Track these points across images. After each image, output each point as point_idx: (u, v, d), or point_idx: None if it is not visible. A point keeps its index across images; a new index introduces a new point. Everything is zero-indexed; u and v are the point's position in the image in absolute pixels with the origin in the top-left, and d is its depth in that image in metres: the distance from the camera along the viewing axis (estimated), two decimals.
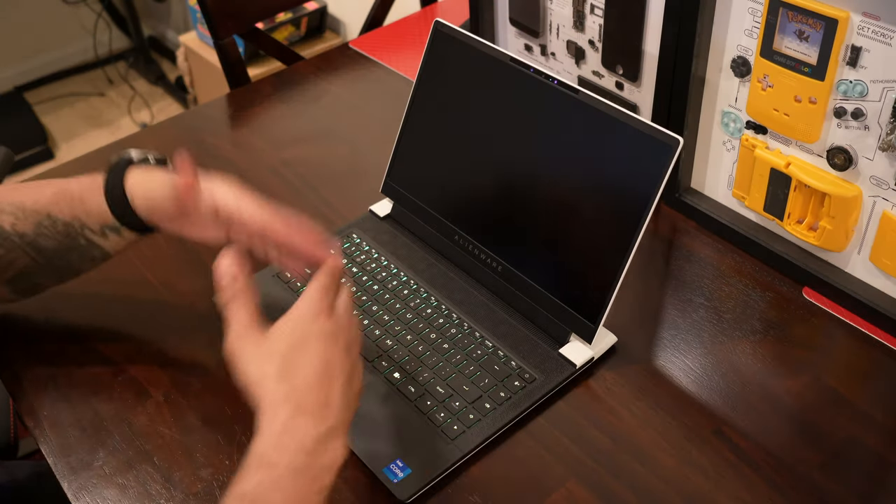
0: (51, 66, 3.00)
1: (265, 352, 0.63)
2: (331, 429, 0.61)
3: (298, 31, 2.27)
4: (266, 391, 0.62)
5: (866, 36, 0.75)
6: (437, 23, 0.92)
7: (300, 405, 0.61)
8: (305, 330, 0.65)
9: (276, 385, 0.62)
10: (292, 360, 0.63)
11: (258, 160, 1.11)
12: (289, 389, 0.61)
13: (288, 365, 0.63)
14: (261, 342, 0.64)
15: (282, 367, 0.62)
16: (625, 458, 0.75)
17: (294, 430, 0.60)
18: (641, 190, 0.76)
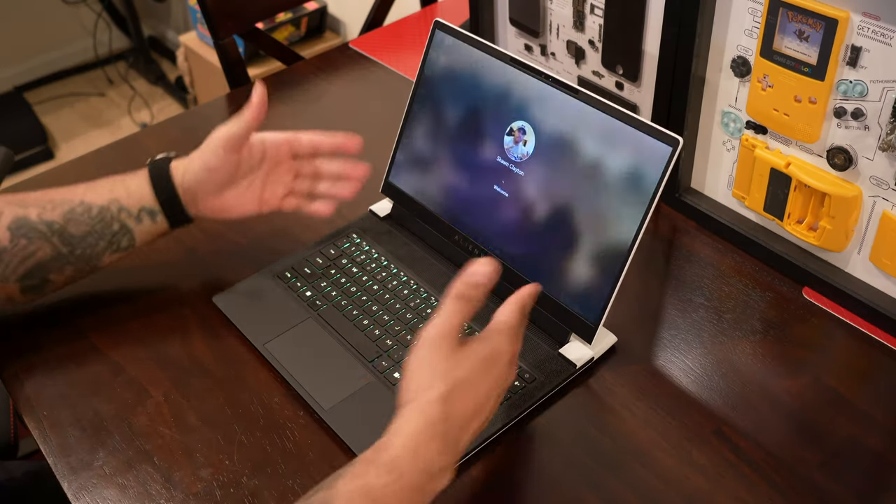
0: (51, 66, 3.00)
1: (445, 369, 0.64)
2: (452, 462, 0.63)
3: (298, 31, 2.27)
4: (424, 404, 0.62)
5: (866, 36, 0.75)
6: (437, 23, 0.92)
7: (445, 434, 0.62)
8: (487, 369, 0.65)
9: (436, 405, 0.62)
10: (462, 390, 0.64)
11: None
12: (443, 415, 0.62)
13: (456, 392, 0.63)
14: (448, 357, 0.64)
15: (449, 392, 0.63)
16: (625, 458, 0.75)
17: (430, 453, 0.61)
18: (641, 190, 0.76)
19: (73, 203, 0.81)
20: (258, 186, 0.87)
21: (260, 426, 0.78)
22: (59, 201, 0.81)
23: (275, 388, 0.81)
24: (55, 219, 0.80)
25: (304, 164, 0.89)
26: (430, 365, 0.64)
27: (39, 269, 0.81)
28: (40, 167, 2.62)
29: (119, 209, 0.82)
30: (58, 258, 0.81)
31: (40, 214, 0.80)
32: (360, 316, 0.87)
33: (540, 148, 0.84)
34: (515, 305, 0.69)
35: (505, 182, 0.87)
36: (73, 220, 0.81)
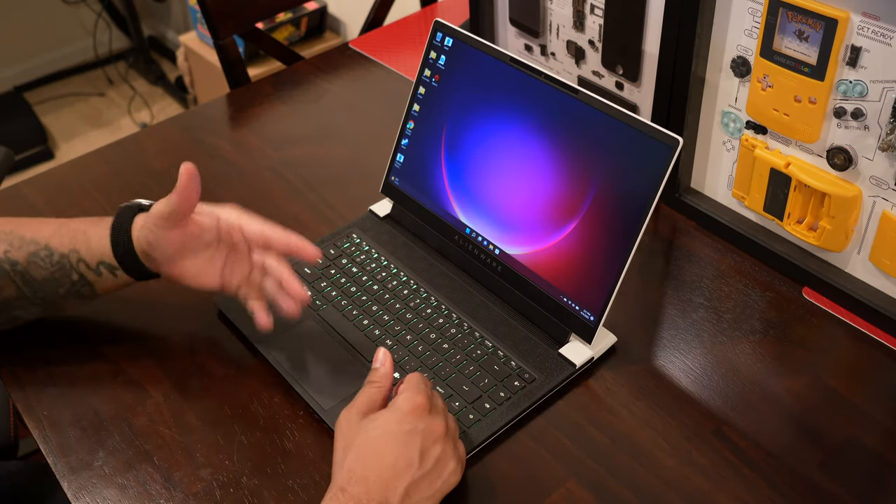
0: (51, 66, 3.00)
1: (350, 438, 0.67)
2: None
3: (298, 31, 2.27)
4: (337, 473, 0.66)
5: (866, 36, 0.75)
6: (437, 23, 0.92)
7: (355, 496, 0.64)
8: (392, 428, 0.67)
9: (343, 472, 0.65)
10: (369, 449, 0.66)
11: (258, 160, 1.11)
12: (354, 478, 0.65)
13: (364, 453, 0.66)
14: (350, 428, 0.68)
15: (359, 452, 0.66)
16: (625, 458, 0.75)
17: None
18: (641, 190, 0.76)
19: (38, 245, 0.79)
20: (219, 263, 0.81)
21: (260, 426, 0.78)
22: (28, 240, 0.80)
23: (275, 388, 0.81)
24: (19, 259, 0.79)
25: (254, 257, 0.83)
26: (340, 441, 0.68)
27: (6, 307, 0.81)
28: (40, 167, 2.62)
29: (78, 260, 0.79)
30: (21, 298, 0.80)
31: (7, 252, 0.79)
32: (360, 316, 0.87)
33: (540, 148, 0.84)
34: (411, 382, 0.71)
35: (505, 182, 0.87)
36: (35, 263, 0.79)
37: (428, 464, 0.66)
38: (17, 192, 1.08)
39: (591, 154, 0.80)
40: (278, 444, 0.77)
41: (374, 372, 0.72)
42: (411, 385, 0.70)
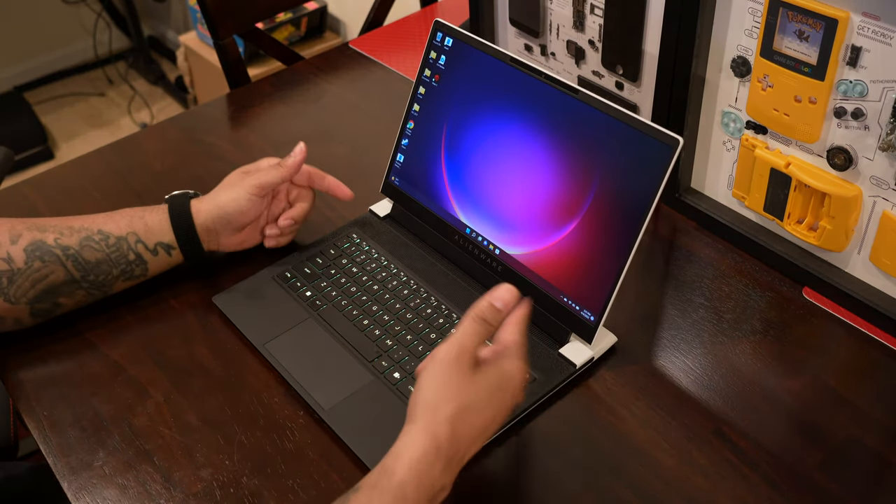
0: (51, 66, 3.00)
1: (457, 390, 0.64)
2: (452, 481, 0.64)
3: (298, 31, 2.27)
4: (432, 424, 0.63)
5: (866, 36, 0.75)
6: (437, 23, 0.92)
7: (450, 456, 0.63)
8: (496, 392, 0.65)
9: (443, 426, 0.63)
10: (471, 412, 0.64)
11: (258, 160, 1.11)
12: (450, 437, 0.63)
13: (465, 415, 0.64)
14: (461, 378, 0.64)
15: (458, 415, 0.63)
16: (625, 458, 0.75)
17: (434, 475, 0.62)
18: (641, 190, 0.76)
19: (90, 231, 0.84)
20: (263, 222, 0.92)
21: (260, 426, 0.78)
22: (77, 228, 0.84)
23: (275, 388, 0.81)
24: (71, 244, 0.82)
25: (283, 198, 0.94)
26: (442, 384, 0.64)
27: (51, 293, 0.82)
28: (40, 167, 2.62)
29: (136, 241, 0.85)
30: (70, 283, 0.83)
31: (57, 239, 0.82)
32: (360, 316, 0.87)
33: (540, 148, 0.84)
34: (519, 325, 0.69)
35: (505, 182, 0.87)
36: (88, 246, 0.83)
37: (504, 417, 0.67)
38: (17, 192, 1.08)
39: (591, 154, 0.80)
40: (278, 444, 0.77)
41: (493, 311, 0.67)
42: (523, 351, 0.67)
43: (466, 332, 0.65)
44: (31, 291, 0.81)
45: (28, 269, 0.80)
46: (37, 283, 0.81)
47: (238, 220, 0.88)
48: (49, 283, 0.82)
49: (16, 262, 0.80)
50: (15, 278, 0.80)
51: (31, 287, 0.81)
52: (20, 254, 0.81)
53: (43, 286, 0.81)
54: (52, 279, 0.81)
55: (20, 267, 0.80)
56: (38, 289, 0.81)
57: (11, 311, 0.82)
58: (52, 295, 0.82)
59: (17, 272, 0.80)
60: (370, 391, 0.80)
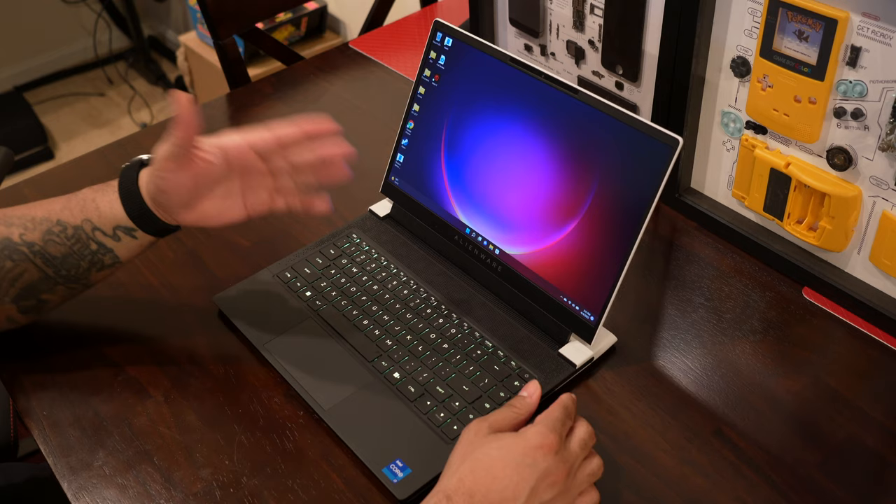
0: (51, 66, 3.00)
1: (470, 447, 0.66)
2: None
3: (298, 31, 2.27)
4: (444, 478, 0.65)
5: (866, 36, 0.75)
6: (437, 23, 0.92)
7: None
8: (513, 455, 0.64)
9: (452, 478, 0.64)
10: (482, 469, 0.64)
11: None
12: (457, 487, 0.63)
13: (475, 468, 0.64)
14: (475, 438, 0.66)
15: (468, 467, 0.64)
16: (625, 458, 0.75)
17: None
18: (641, 190, 0.76)
19: (50, 222, 0.78)
20: (237, 194, 0.79)
21: (260, 426, 0.78)
22: (39, 219, 0.78)
23: (275, 388, 0.81)
24: (35, 240, 0.77)
25: (277, 160, 0.79)
26: (459, 449, 0.66)
27: (31, 291, 0.79)
28: (40, 167, 2.62)
29: (93, 229, 0.77)
30: (45, 279, 0.79)
31: (22, 235, 0.78)
32: (360, 316, 0.87)
33: (540, 148, 0.84)
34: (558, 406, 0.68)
35: (505, 182, 0.87)
36: (51, 241, 0.77)
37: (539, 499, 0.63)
38: (17, 192, 1.08)
39: (591, 154, 0.80)
40: (278, 444, 0.77)
41: (520, 399, 0.71)
42: (549, 419, 0.66)
43: (496, 413, 0.69)
44: (11, 290, 0.78)
45: (1, 269, 0.77)
46: (14, 282, 0.78)
47: (168, 197, 0.76)
48: (26, 282, 0.78)
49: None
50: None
51: (11, 286, 0.78)
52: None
53: (21, 284, 0.78)
54: (27, 278, 0.78)
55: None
56: (17, 287, 0.78)
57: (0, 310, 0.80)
58: (34, 291, 0.79)
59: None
60: (370, 391, 0.80)
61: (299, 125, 0.78)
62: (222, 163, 0.77)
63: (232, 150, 0.77)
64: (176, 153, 0.74)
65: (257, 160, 0.78)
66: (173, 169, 0.75)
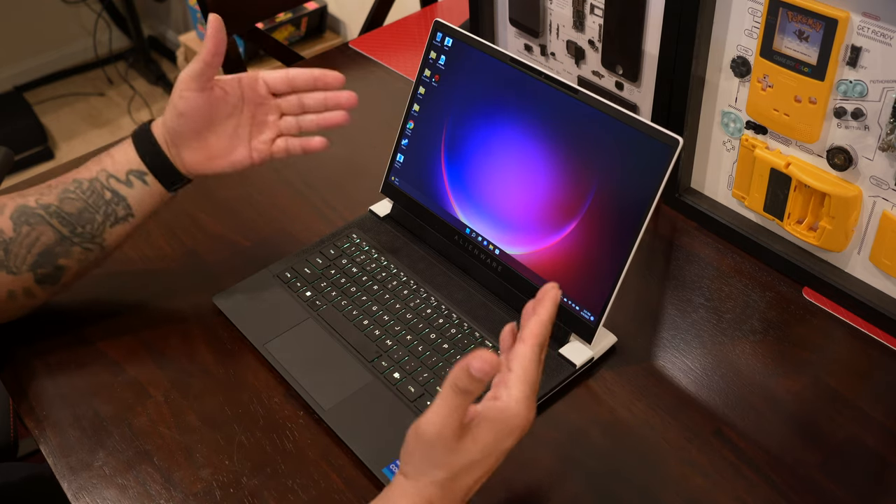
0: (51, 66, 3.00)
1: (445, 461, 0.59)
2: None
3: (298, 31, 2.27)
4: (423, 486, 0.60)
5: (866, 36, 0.75)
6: (437, 23, 0.92)
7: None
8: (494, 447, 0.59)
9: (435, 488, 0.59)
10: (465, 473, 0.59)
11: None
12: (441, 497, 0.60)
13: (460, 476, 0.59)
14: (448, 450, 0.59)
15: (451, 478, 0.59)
16: (625, 458, 0.75)
17: None
18: (641, 190, 0.76)
19: (66, 183, 0.81)
20: (244, 132, 0.83)
21: (260, 426, 0.78)
22: (54, 185, 0.82)
23: (275, 388, 0.81)
24: (51, 201, 0.81)
25: (285, 101, 0.85)
26: (428, 458, 0.59)
27: (48, 255, 0.81)
28: (40, 167, 2.62)
29: (107, 177, 0.81)
30: (62, 240, 0.81)
31: (37, 199, 0.81)
32: (359, 316, 0.87)
33: (540, 148, 0.84)
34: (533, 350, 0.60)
35: (505, 182, 0.87)
36: (66, 199, 0.81)
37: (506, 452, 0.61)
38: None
39: (591, 154, 0.80)
40: (278, 444, 0.77)
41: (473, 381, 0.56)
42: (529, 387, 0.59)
43: (445, 409, 0.58)
44: (28, 257, 0.80)
45: (18, 235, 0.80)
46: (31, 248, 0.80)
47: (183, 123, 0.80)
48: (43, 246, 0.80)
49: (6, 232, 0.80)
50: (10, 247, 0.79)
51: (28, 252, 0.80)
52: (7, 223, 0.80)
53: (38, 249, 0.80)
54: (44, 240, 0.80)
55: (11, 236, 0.80)
56: (34, 253, 0.80)
57: (17, 281, 0.81)
58: (50, 257, 0.81)
59: (10, 241, 0.79)
60: (370, 391, 0.80)
61: (311, 71, 0.84)
62: (237, 91, 0.82)
63: (245, 81, 0.83)
64: (201, 71, 0.79)
65: (268, 95, 0.84)
66: (195, 88, 0.80)
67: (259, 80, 0.83)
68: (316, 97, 0.85)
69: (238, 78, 0.83)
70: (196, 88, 0.79)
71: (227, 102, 0.82)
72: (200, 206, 1.03)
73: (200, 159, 0.82)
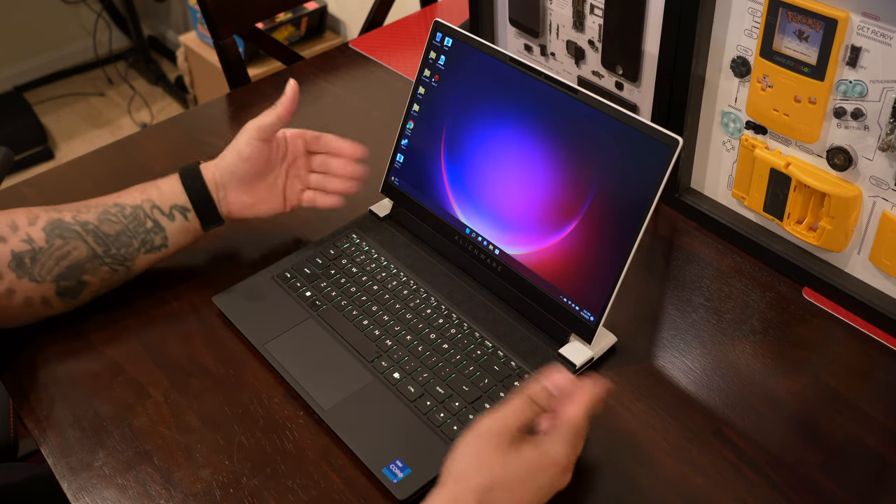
0: (51, 66, 3.00)
1: (490, 463, 0.62)
2: None
3: (298, 31, 2.27)
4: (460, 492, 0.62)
5: (866, 36, 0.75)
6: (437, 23, 0.92)
7: None
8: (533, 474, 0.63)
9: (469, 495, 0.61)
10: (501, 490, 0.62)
11: None
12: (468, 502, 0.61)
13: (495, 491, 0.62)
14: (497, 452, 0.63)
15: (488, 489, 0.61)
16: (625, 458, 0.75)
17: None
18: (641, 190, 0.76)
19: (107, 205, 0.85)
20: (282, 181, 0.91)
21: (260, 426, 0.78)
22: (93, 205, 0.85)
23: (275, 388, 0.81)
24: (90, 219, 0.83)
25: (315, 159, 0.93)
26: (475, 456, 0.63)
27: (75, 270, 0.82)
28: (40, 167, 2.62)
29: (152, 207, 0.85)
30: (93, 258, 0.83)
31: (75, 216, 0.83)
32: (359, 316, 0.87)
33: (540, 148, 0.84)
34: (583, 407, 0.66)
35: (505, 182, 0.87)
36: (106, 220, 0.84)
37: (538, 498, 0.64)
38: (17, 192, 1.08)
39: (591, 154, 0.80)
40: (278, 444, 0.77)
41: (548, 396, 0.66)
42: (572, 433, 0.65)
43: (512, 410, 0.65)
44: (55, 269, 0.81)
45: (50, 247, 0.81)
46: (60, 261, 0.82)
47: (243, 168, 0.88)
48: (73, 260, 0.82)
49: (37, 242, 0.81)
50: (38, 257, 0.81)
51: (56, 264, 0.81)
52: (40, 233, 0.81)
53: (67, 262, 0.82)
54: (76, 255, 0.82)
55: (42, 246, 0.81)
56: (62, 266, 0.82)
57: (38, 290, 0.81)
58: (77, 271, 0.82)
59: (40, 251, 0.81)
60: (370, 391, 0.80)
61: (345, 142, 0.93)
62: (283, 148, 0.91)
63: (290, 137, 0.92)
64: (273, 126, 0.87)
65: (304, 152, 0.93)
66: (262, 139, 0.87)
67: (301, 136, 0.92)
68: (339, 166, 0.93)
69: (284, 132, 0.91)
70: (263, 139, 0.87)
71: (277, 154, 0.90)
72: None
73: (245, 204, 0.89)
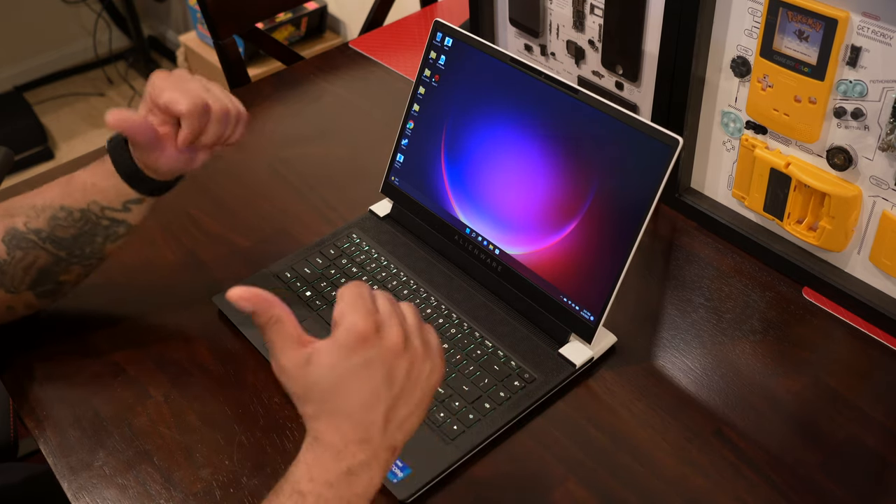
0: (51, 66, 3.00)
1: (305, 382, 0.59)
2: (361, 462, 0.59)
3: (298, 31, 2.27)
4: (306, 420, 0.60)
5: (866, 36, 0.75)
6: (437, 23, 0.92)
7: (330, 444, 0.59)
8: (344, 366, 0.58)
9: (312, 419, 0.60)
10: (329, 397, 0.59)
11: (258, 160, 1.11)
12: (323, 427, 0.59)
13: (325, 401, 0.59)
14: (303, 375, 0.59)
15: (320, 402, 0.59)
16: (625, 458, 0.75)
17: (322, 464, 0.59)
18: (641, 190, 0.76)
19: (54, 209, 0.79)
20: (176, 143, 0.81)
21: (260, 426, 0.78)
22: (40, 207, 0.80)
23: (275, 389, 0.81)
24: (41, 226, 0.79)
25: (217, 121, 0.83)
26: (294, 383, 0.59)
27: (46, 275, 0.81)
28: (40, 167, 2.62)
29: (101, 209, 0.80)
30: (59, 261, 0.81)
31: (26, 223, 0.79)
32: None
33: (540, 148, 0.84)
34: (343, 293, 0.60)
35: (505, 182, 0.87)
36: (58, 225, 0.79)
37: (398, 383, 0.59)
38: (17, 192, 1.07)
39: (591, 154, 0.80)
40: (278, 444, 0.77)
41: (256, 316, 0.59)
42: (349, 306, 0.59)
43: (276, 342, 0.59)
44: (26, 278, 0.80)
45: (12, 259, 0.79)
46: (28, 269, 0.80)
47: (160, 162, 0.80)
48: (40, 266, 0.80)
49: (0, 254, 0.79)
50: (5, 268, 0.79)
51: (25, 274, 0.80)
52: (0, 245, 0.79)
53: (35, 272, 0.80)
54: (41, 263, 0.80)
55: (5, 258, 0.79)
56: (31, 274, 0.80)
57: (17, 299, 0.81)
58: (50, 275, 0.81)
59: (5, 262, 0.79)
60: None
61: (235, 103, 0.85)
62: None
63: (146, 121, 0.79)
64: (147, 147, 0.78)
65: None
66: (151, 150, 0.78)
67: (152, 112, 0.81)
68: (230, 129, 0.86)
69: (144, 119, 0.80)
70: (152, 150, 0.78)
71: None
72: (200, 207, 1.03)
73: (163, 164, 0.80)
